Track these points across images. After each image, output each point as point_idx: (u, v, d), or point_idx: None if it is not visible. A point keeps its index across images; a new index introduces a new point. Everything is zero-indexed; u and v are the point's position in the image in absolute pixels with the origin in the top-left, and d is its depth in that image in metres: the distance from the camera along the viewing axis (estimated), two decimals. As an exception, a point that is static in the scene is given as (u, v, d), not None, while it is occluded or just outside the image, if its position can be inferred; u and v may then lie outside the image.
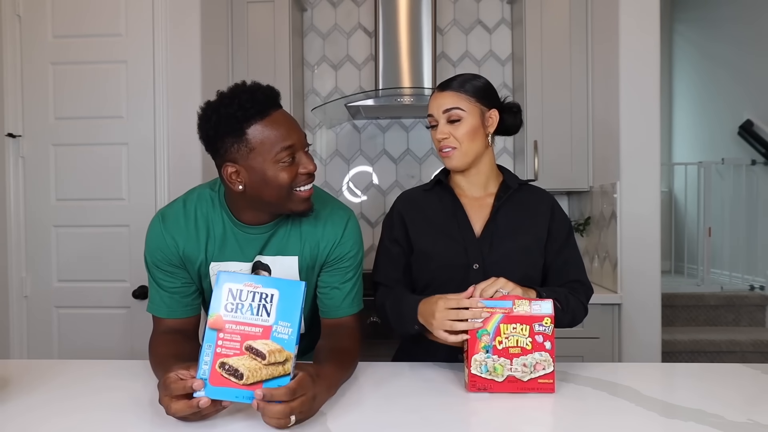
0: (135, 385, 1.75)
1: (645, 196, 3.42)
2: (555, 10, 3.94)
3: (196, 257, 1.88)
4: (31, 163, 3.47)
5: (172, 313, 1.93)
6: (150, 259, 1.91)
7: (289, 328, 1.44)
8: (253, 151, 1.69)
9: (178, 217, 1.90)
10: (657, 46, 3.42)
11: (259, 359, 1.42)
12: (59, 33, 3.45)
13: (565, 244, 2.07)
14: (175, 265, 1.89)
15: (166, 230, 1.88)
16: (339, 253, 1.94)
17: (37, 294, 3.49)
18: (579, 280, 2.07)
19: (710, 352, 4.88)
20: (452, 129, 1.99)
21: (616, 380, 1.76)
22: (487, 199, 2.08)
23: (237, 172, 1.73)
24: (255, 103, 1.68)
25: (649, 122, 3.41)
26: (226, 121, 1.68)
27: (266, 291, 1.46)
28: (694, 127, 7.34)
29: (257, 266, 1.92)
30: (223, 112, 1.68)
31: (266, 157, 1.69)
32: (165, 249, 1.87)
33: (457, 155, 2.00)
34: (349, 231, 1.97)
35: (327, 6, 4.53)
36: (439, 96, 2.03)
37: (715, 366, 1.93)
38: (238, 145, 1.69)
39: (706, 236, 6.20)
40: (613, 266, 3.53)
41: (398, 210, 2.14)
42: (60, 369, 1.92)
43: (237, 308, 1.45)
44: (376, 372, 1.88)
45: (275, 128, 1.69)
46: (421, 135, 4.50)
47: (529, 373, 1.61)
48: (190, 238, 1.88)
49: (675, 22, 7.77)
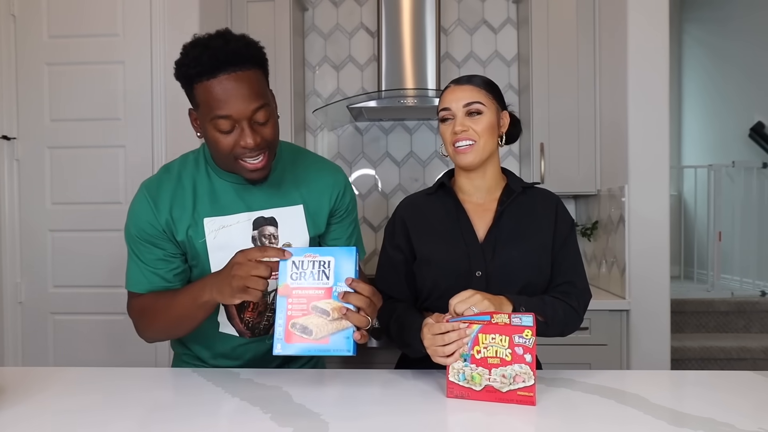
0: (131, 393, 1.75)
1: (654, 199, 3.42)
2: (562, 9, 3.94)
3: (184, 219, 1.90)
4: (26, 166, 3.48)
5: (153, 287, 1.94)
6: (133, 231, 1.92)
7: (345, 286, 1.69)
8: (198, 107, 1.78)
9: (162, 182, 1.94)
10: (666, 46, 3.42)
11: (325, 316, 1.67)
12: (55, 33, 3.46)
13: (564, 244, 2.04)
14: (159, 236, 1.90)
15: (150, 197, 1.91)
16: (344, 204, 2.10)
17: (32, 300, 3.50)
18: (572, 281, 2.02)
19: (721, 360, 4.88)
20: (472, 122, 1.97)
21: (624, 388, 1.76)
22: (490, 204, 2.06)
23: (195, 119, 1.85)
24: (199, 64, 1.70)
25: (658, 124, 3.41)
26: (180, 72, 1.78)
27: (324, 259, 1.70)
28: (704, 129, 7.34)
29: (260, 223, 1.95)
30: (180, 63, 1.76)
31: (206, 119, 1.75)
32: (150, 217, 1.89)
33: (475, 150, 1.97)
34: (347, 181, 2.14)
35: (328, 5, 4.54)
36: (458, 89, 2.01)
37: (726, 373, 1.93)
38: (190, 97, 1.80)
39: (716, 241, 6.20)
40: (621, 272, 3.53)
41: (400, 216, 2.12)
42: (56, 376, 1.93)
43: (300, 276, 1.69)
44: (379, 378, 1.89)
45: (215, 94, 1.70)
46: (425, 137, 4.50)
47: (508, 384, 1.60)
48: (176, 199, 1.91)
49: (684, 21, 7.77)
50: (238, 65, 1.71)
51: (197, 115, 1.81)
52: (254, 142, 1.74)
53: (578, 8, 3.92)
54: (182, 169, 1.96)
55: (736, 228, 6.27)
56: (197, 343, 2.11)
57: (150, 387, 1.82)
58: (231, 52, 1.71)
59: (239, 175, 1.87)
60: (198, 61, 1.70)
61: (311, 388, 1.78)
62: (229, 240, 1.91)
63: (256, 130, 1.76)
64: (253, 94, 1.74)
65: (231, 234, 1.92)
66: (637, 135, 3.42)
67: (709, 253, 6.47)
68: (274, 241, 1.96)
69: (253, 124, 1.76)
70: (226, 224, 1.92)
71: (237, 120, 1.73)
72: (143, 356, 3.39)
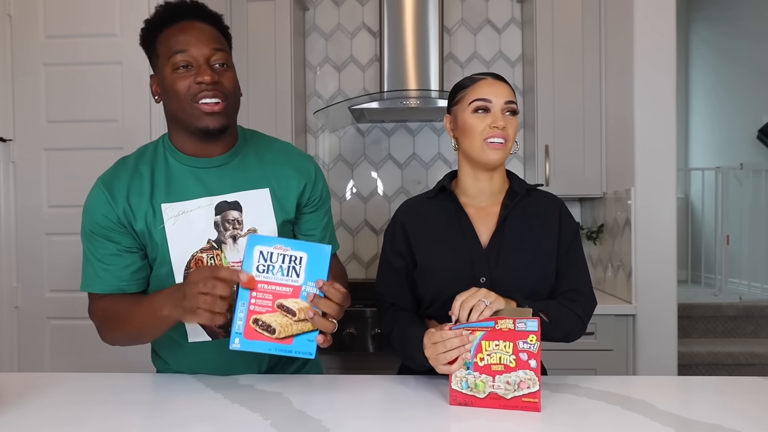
0: (129, 399, 1.76)
1: (660, 202, 3.42)
2: (567, 9, 3.94)
3: (142, 206, 1.87)
4: (22, 168, 3.48)
5: (108, 287, 1.91)
6: (87, 226, 1.90)
7: (316, 288, 1.65)
8: (158, 58, 1.86)
9: (117, 172, 1.93)
10: (673, 46, 3.42)
11: (290, 316, 1.63)
12: (52, 33, 3.46)
13: (567, 249, 2.03)
14: (114, 228, 1.87)
15: (106, 188, 1.89)
16: (317, 191, 2.07)
17: (28, 305, 3.49)
18: (577, 289, 2.01)
19: (728, 365, 4.87)
20: (508, 122, 1.95)
21: (630, 394, 1.76)
22: (493, 208, 2.04)
23: (155, 82, 1.90)
24: (162, 14, 1.85)
25: (664, 125, 3.41)
26: (145, 32, 1.88)
27: (295, 254, 1.64)
28: (712, 130, 7.34)
29: (223, 208, 1.91)
30: (146, 22, 1.88)
31: (165, 64, 1.82)
32: (104, 209, 1.87)
33: (504, 150, 1.95)
34: (318, 168, 2.11)
35: (330, 5, 4.54)
36: (498, 84, 1.98)
37: (734, 379, 1.93)
38: (153, 56, 1.88)
39: (724, 244, 6.19)
40: (627, 276, 3.53)
41: (400, 221, 2.10)
42: (52, 382, 1.93)
43: (268, 269, 1.64)
44: (381, 384, 1.89)
45: (175, 34, 1.81)
46: (428, 139, 4.51)
47: (512, 390, 1.60)
48: (133, 187, 1.89)
49: (691, 21, 7.77)
50: (199, 17, 1.86)
51: (157, 73, 1.89)
52: (211, 78, 1.79)
53: (583, 8, 3.92)
54: (139, 157, 1.96)
55: (744, 231, 6.27)
56: (169, 354, 2.08)
57: (148, 393, 1.83)
58: (193, 5, 1.87)
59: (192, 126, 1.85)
60: (160, 12, 1.85)
61: (312, 394, 1.78)
62: (189, 226, 1.89)
63: (214, 71, 1.83)
64: (211, 38, 1.85)
65: (191, 220, 1.89)
66: (643, 136, 3.42)
67: (716, 256, 6.47)
68: (239, 227, 1.91)
69: (212, 66, 1.83)
70: (186, 209, 1.89)
71: (194, 57, 1.80)
72: (141, 362, 3.38)
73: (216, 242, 1.89)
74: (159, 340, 2.01)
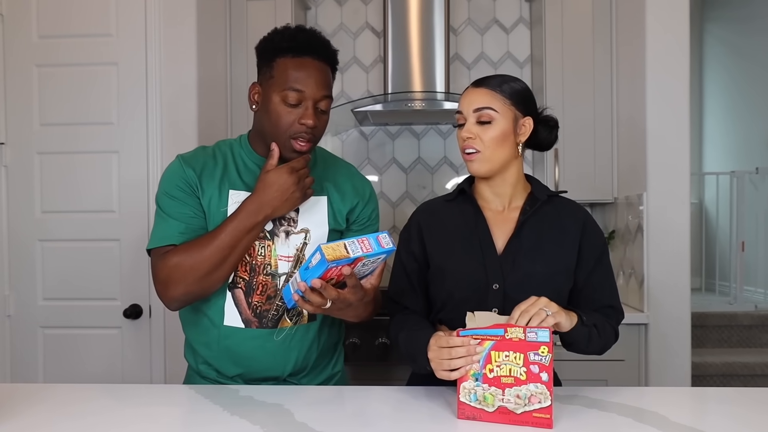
0: (126, 411, 1.76)
1: (674, 208, 3.41)
2: (577, 8, 3.94)
3: (211, 187, 2.06)
4: (15, 173, 3.48)
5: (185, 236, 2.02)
6: (164, 187, 2.07)
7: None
8: (271, 78, 2.00)
9: (197, 153, 2.14)
10: (686, 46, 3.42)
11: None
12: (45, 33, 3.46)
13: (597, 266, 2.03)
14: (189, 191, 2.05)
15: (184, 161, 2.09)
16: (366, 212, 2.25)
17: (20, 313, 3.49)
18: (612, 305, 2.04)
19: (744, 376, 4.87)
20: (480, 130, 1.95)
21: (642, 406, 1.76)
22: (511, 213, 2.04)
23: (258, 93, 2.05)
24: (293, 41, 1.98)
25: (678, 128, 3.41)
26: (267, 44, 2.04)
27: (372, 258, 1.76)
28: (727, 133, 7.33)
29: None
30: (270, 37, 2.04)
31: (277, 90, 1.97)
32: (182, 175, 2.06)
33: (480, 160, 1.96)
34: (373, 192, 2.31)
35: (332, 4, 4.54)
36: (472, 92, 2.00)
37: (750, 390, 1.92)
38: (266, 70, 2.02)
39: (739, 251, 6.19)
40: (639, 283, 3.53)
41: (416, 221, 2.13)
42: (46, 393, 1.93)
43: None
44: (386, 396, 1.89)
45: (297, 69, 1.97)
46: (434, 143, 4.50)
47: (522, 405, 1.57)
48: (206, 169, 2.08)
49: (705, 20, 7.77)
50: (322, 57, 2.02)
51: (264, 87, 2.03)
52: (314, 123, 1.97)
53: (594, 6, 3.92)
54: (217, 149, 2.17)
55: (759, 238, 6.26)
56: (201, 344, 2.14)
57: (144, 404, 1.83)
58: (321, 43, 2.04)
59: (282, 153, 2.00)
60: (293, 38, 1.99)
61: (313, 406, 1.78)
62: None
63: (317, 114, 2.00)
64: (326, 83, 2.02)
65: None
66: (656, 140, 3.42)
67: (731, 264, 6.46)
68: (293, 225, 2.09)
69: (316, 108, 2.00)
70: None
71: (306, 98, 1.97)
72: (138, 372, 3.39)
73: (270, 233, 2.07)
74: (196, 328, 2.16)
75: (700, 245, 6.65)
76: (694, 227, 6.18)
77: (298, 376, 2.15)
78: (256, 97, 2.05)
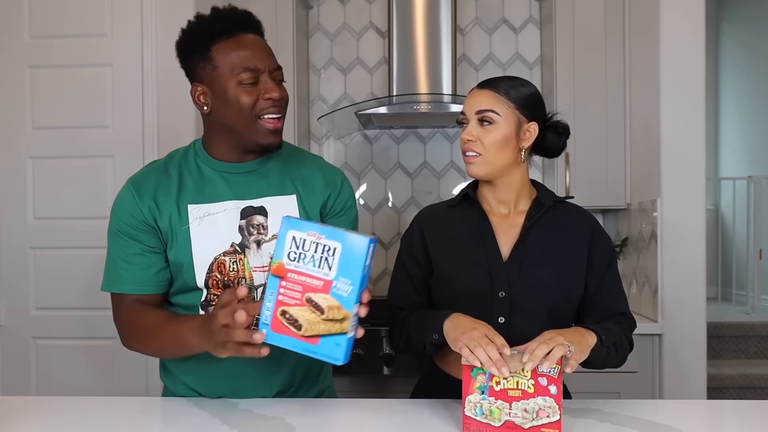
0: (121, 424, 1.76)
1: (689, 214, 3.40)
2: (589, 7, 3.94)
3: (168, 205, 1.96)
4: (6, 178, 3.48)
5: (132, 285, 1.96)
6: (114, 225, 1.99)
7: (349, 285, 1.52)
8: (216, 69, 1.89)
9: (147, 173, 2.05)
10: (702, 46, 3.41)
11: (318, 313, 1.53)
12: (37, 33, 3.47)
13: (607, 273, 2.04)
14: (139, 227, 1.95)
15: (134, 187, 1.99)
16: (341, 200, 2.16)
17: (12, 323, 3.49)
18: (623, 313, 2.06)
19: (761, 388, 4.86)
20: (482, 133, 1.96)
21: (656, 419, 1.76)
22: (517, 218, 2.04)
23: (204, 93, 1.94)
24: (222, 21, 1.90)
25: (693, 132, 3.40)
26: (193, 38, 1.93)
27: (329, 243, 1.54)
28: (743, 137, 7.33)
29: (249, 212, 1.99)
30: (193, 28, 1.93)
31: (228, 77, 1.88)
32: (131, 207, 1.96)
33: (480, 163, 1.98)
34: (345, 178, 2.22)
35: (335, 3, 4.54)
36: (476, 93, 2.01)
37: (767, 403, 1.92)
38: (204, 63, 1.91)
39: (756, 259, 6.18)
40: (653, 292, 3.52)
41: (419, 225, 2.13)
42: (38, 406, 1.93)
43: (300, 258, 1.55)
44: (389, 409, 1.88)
45: (240, 48, 1.89)
46: (440, 146, 4.50)
47: (530, 419, 1.56)
48: (160, 186, 1.98)
49: (721, 21, 7.77)
50: (253, 29, 1.97)
51: (209, 82, 1.92)
52: (279, 94, 1.91)
53: (606, 6, 3.92)
54: (169, 161, 2.07)
55: (778, 245, 6.26)
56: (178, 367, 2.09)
57: (140, 418, 1.83)
58: (249, 16, 1.98)
59: (250, 144, 1.95)
60: (219, 20, 1.90)
61: (314, 419, 1.78)
62: (214, 228, 1.97)
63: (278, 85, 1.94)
64: (271, 53, 1.98)
65: (216, 222, 1.97)
66: (670, 144, 3.41)
67: (748, 272, 6.45)
68: (263, 232, 1.99)
69: (274, 80, 1.94)
70: (211, 212, 1.98)
71: (261, 72, 1.90)
72: (133, 384, 3.39)
73: (240, 246, 1.97)
74: None
75: (716, 253, 6.64)
76: (710, 234, 6.15)
77: (286, 394, 2.09)
78: (203, 98, 1.95)
